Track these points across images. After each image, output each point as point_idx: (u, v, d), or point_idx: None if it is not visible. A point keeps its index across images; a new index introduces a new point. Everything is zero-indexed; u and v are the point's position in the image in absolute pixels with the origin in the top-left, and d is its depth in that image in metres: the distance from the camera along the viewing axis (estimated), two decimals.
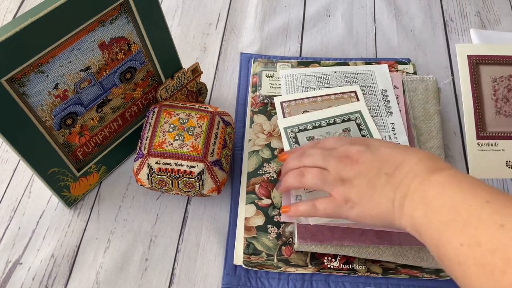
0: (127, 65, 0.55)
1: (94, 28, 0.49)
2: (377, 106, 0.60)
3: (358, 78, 0.63)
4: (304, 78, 0.63)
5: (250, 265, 0.52)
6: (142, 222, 0.58)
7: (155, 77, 0.59)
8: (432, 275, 0.51)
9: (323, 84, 0.62)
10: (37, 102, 0.48)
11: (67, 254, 0.56)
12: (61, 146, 0.53)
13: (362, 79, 0.63)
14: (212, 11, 0.79)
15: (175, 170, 0.53)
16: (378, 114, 0.60)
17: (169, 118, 0.55)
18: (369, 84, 0.63)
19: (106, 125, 0.58)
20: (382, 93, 0.62)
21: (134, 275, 0.54)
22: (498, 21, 0.76)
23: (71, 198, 0.58)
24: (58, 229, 0.58)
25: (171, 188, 0.54)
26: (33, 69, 0.46)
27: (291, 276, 0.53)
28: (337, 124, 0.58)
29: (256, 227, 0.54)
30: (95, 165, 0.58)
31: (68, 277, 0.54)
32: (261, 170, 0.58)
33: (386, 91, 0.62)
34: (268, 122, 0.62)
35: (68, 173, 0.55)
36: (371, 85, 0.62)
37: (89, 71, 0.51)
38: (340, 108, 0.60)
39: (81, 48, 0.49)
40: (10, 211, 0.59)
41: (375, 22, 0.77)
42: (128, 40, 0.53)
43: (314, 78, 0.63)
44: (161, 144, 0.53)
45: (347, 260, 0.52)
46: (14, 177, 0.62)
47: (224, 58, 0.73)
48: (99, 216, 0.58)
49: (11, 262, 0.55)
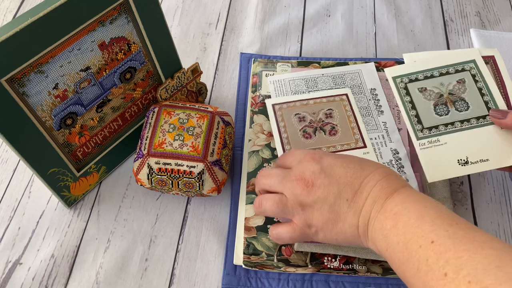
0: (127, 65, 0.55)
1: (94, 28, 0.49)
2: (367, 106, 0.60)
3: (346, 79, 0.63)
4: (293, 82, 0.63)
5: (250, 265, 0.52)
6: (142, 222, 0.58)
7: (155, 77, 0.59)
8: None
9: (311, 87, 0.62)
10: (37, 102, 0.48)
11: (67, 254, 0.56)
12: (61, 146, 0.53)
13: (350, 79, 0.63)
14: (212, 11, 0.79)
15: (175, 170, 0.53)
16: (369, 114, 0.59)
17: (169, 118, 0.55)
18: (358, 84, 0.62)
19: (106, 125, 0.58)
20: (371, 92, 0.61)
21: (134, 275, 0.54)
22: (498, 21, 0.76)
23: (71, 198, 0.58)
24: (58, 229, 0.58)
25: (171, 188, 0.54)
26: (33, 69, 0.46)
27: (291, 276, 0.53)
28: (450, 75, 0.56)
29: (256, 227, 0.54)
30: (95, 165, 0.58)
31: (68, 277, 0.54)
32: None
33: (375, 89, 0.62)
34: (268, 122, 0.62)
35: (68, 173, 0.55)
36: (360, 85, 0.62)
37: (89, 71, 0.51)
38: (451, 56, 0.57)
39: (81, 48, 0.49)
40: (10, 211, 0.59)
41: (375, 22, 0.77)
42: (128, 40, 0.53)
43: (303, 82, 0.63)
44: (161, 144, 0.53)
45: (347, 260, 0.52)
46: (14, 177, 0.62)
47: (224, 58, 0.73)
48: (99, 216, 0.58)
49: (11, 262, 0.55)
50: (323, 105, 0.59)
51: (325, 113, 0.59)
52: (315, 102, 0.60)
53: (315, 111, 0.59)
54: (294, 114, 0.59)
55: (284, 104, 0.59)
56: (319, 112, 0.59)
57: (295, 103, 0.59)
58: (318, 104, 0.59)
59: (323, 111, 0.59)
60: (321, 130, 0.57)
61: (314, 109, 0.59)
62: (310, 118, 0.58)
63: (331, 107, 0.59)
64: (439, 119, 0.54)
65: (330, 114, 0.59)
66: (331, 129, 0.57)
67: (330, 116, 0.58)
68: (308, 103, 0.59)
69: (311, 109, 0.59)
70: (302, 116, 0.58)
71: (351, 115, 0.59)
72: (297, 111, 0.59)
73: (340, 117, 0.58)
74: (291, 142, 0.56)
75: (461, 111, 0.54)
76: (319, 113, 0.59)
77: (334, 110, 0.59)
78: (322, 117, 0.58)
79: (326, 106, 0.59)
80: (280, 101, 0.60)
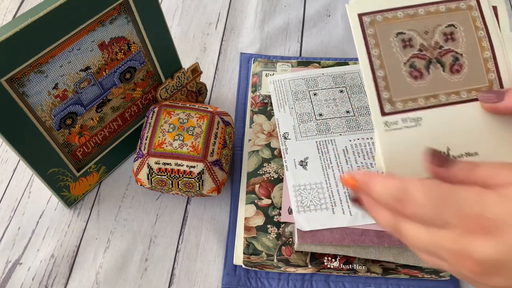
0: (127, 65, 0.55)
1: (94, 28, 0.49)
2: (368, 106, 0.60)
3: (346, 78, 0.63)
4: (293, 82, 0.63)
5: (250, 265, 0.52)
6: (142, 222, 0.58)
7: (155, 77, 0.59)
8: (432, 275, 0.51)
9: (312, 87, 0.62)
10: (37, 102, 0.48)
11: (67, 254, 0.56)
12: (61, 146, 0.53)
13: (350, 79, 0.63)
14: (212, 11, 0.79)
15: (175, 170, 0.53)
16: (370, 113, 0.59)
17: (169, 118, 0.55)
18: (357, 84, 0.62)
19: (106, 125, 0.58)
20: None
21: (134, 275, 0.54)
22: None
23: (71, 198, 0.58)
24: (58, 229, 0.57)
25: (171, 188, 0.54)
26: (33, 69, 0.46)
27: (291, 276, 0.53)
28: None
29: (256, 227, 0.54)
30: (95, 165, 0.58)
31: (68, 277, 0.54)
32: (261, 170, 0.58)
33: None
34: (268, 122, 0.62)
35: (68, 173, 0.55)
36: (360, 85, 0.62)
37: (88, 71, 0.51)
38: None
39: (81, 48, 0.49)
40: (10, 211, 0.59)
41: None
42: (128, 40, 0.53)
43: (303, 82, 0.62)
44: (161, 144, 0.53)
45: (347, 260, 0.52)
46: (14, 177, 0.62)
47: (224, 58, 0.73)
48: (99, 216, 0.58)
49: (11, 262, 0.55)
50: (440, 18, 0.38)
51: (444, 33, 0.38)
52: (427, 11, 0.38)
53: (428, 29, 0.38)
54: (395, 33, 0.38)
55: (379, 14, 0.38)
56: (435, 30, 0.38)
57: (396, 13, 0.38)
58: (433, 15, 0.38)
59: (441, 29, 0.38)
60: (438, 63, 0.38)
61: (427, 25, 0.38)
62: (421, 42, 0.38)
63: (452, 22, 0.38)
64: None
65: (452, 35, 0.38)
66: (454, 62, 0.38)
67: (451, 39, 0.38)
68: (416, 13, 0.38)
69: (421, 24, 0.38)
70: (408, 38, 0.38)
71: (484, 37, 0.38)
72: (401, 27, 0.38)
73: (467, 39, 0.38)
74: (391, 85, 0.37)
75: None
76: (435, 33, 0.38)
77: (458, 27, 0.38)
78: (439, 40, 0.38)
79: (445, 19, 0.38)
80: (372, 8, 0.38)
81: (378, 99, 0.36)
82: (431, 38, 0.37)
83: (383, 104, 0.37)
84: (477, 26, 0.38)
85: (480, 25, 0.38)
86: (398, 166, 0.35)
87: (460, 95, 0.37)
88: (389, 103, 0.37)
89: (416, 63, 0.37)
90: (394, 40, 0.37)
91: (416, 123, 0.36)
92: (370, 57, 0.37)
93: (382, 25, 0.37)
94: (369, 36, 0.37)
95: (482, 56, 0.38)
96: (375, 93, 0.36)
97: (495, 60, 0.37)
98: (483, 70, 0.37)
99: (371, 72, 0.36)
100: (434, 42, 0.37)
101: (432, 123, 0.36)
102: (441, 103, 0.37)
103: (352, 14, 0.37)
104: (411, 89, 0.37)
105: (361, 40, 0.37)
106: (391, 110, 0.37)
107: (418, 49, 0.37)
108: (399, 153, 0.36)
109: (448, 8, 0.38)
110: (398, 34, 0.37)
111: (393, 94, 0.37)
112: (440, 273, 0.51)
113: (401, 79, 0.37)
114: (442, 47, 0.37)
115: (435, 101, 0.37)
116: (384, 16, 0.37)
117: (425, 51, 0.37)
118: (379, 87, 0.37)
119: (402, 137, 0.36)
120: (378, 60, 0.37)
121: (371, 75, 0.36)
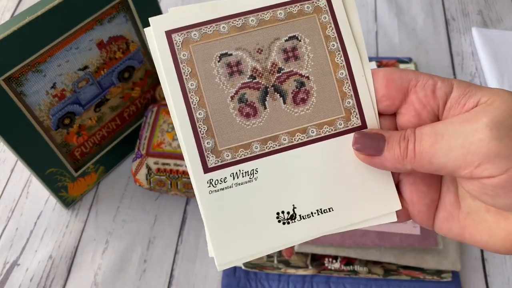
0: (125, 64, 0.54)
1: (92, 26, 0.48)
2: None
3: None
4: None
5: (250, 267, 0.52)
6: (141, 223, 0.57)
7: (153, 76, 0.59)
8: (434, 277, 0.51)
9: None
10: (35, 101, 0.48)
11: (65, 255, 0.55)
12: (59, 146, 0.53)
13: None
14: None
15: (174, 170, 0.52)
16: None
17: (168, 118, 0.55)
18: None
19: (104, 125, 0.57)
20: None
21: (133, 276, 0.54)
22: (500, 19, 0.76)
23: (69, 198, 0.58)
24: (56, 230, 0.57)
25: (170, 188, 0.54)
26: (31, 68, 0.45)
27: (292, 278, 0.52)
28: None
29: None
30: (93, 165, 0.58)
31: (66, 278, 0.54)
32: None
33: None
34: None
35: (66, 173, 0.55)
36: None
37: (87, 70, 0.51)
38: None
39: (79, 47, 0.48)
40: (8, 211, 0.59)
41: (376, 21, 0.77)
42: (127, 39, 0.53)
43: None
44: (160, 144, 0.53)
45: (348, 261, 0.51)
46: (12, 178, 0.62)
47: None
48: (97, 217, 0.58)
49: (9, 263, 0.55)
50: (278, 28, 0.28)
51: (284, 49, 0.28)
52: (260, 21, 0.28)
53: (262, 46, 0.28)
54: (218, 55, 0.28)
55: (195, 30, 0.28)
56: (271, 46, 0.28)
57: (218, 26, 0.28)
58: (268, 26, 0.28)
59: (279, 44, 0.28)
60: (277, 93, 0.28)
61: (261, 40, 0.28)
62: (253, 65, 0.28)
63: (294, 32, 0.28)
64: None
65: (294, 51, 0.28)
66: (298, 89, 0.28)
67: (293, 56, 0.28)
68: (246, 24, 0.28)
69: (253, 39, 0.28)
70: (236, 62, 0.28)
71: (337, 50, 0.28)
72: (225, 46, 0.28)
73: (315, 55, 0.28)
74: (215, 130, 0.27)
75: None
76: (272, 50, 0.28)
77: (302, 39, 0.28)
78: (278, 60, 0.28)
79: (285, 29, 0.28)
80: (184, 22, 0.28)
81: (199, 150, 0.27)
82: (267, 58, 0.28)
83: (206, 156, 0.27)
84: (327, 36, 0.28)
85: (331, 33, 0.28)
86: (230, 243, 0.27)
87: (308, 133, 0.28)
88: (214, 154, 0.27)
89: (248, 96, 0.28)
90: (217, 65, 0.27)
91: (251, 177, 0.28)
92: (185, 92, 0.27)
93: (200, 46, 0.27)
94: (183, 63, 0.27)
95: (335, 76, 0.28)
96: (193, 143, 0.27)
97: (353, 80, 0.28)
98: (337, 96, 0.28)
99: (187, 113, 0.27)
100: (271, 64, 0.28)
101: (272, 175, 0.27)
102: (282, 146, 0.28)
103: (157, 33, 0.27)
104: (243, 132, 0.27)
105: (171, 69, 0.27)
106: (217, 163, 0.27)
107: (249, 75, 0.28)
108: (231, 223, 0.27)
109: (288, 13, 0.28)
110: (221, 56, 0.27)
111: (218, 142, 0.27)
112: (442, 275, 0.51)
113: (228, 119, 0.27)
114: (282, 69, 0.28)
115: (274, 144, 0.28)
116: (202, 32, 0.27)
117: (259, 78, 0.28)
118: (199, 133, 0.27)
119: (233, 199, 0.27)
120: (197, 96, 0.27)
121: (187, 118, 0.27)
